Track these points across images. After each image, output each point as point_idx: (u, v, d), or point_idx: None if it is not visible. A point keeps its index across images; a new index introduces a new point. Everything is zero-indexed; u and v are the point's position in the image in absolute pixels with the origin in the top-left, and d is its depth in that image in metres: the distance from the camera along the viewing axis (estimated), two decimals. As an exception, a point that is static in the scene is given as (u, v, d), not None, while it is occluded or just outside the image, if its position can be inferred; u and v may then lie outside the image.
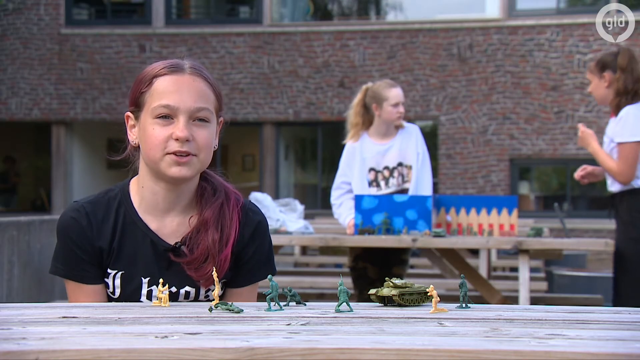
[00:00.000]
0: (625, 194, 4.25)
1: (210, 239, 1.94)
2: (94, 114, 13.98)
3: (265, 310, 1.65)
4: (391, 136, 4.79)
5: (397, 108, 4.69)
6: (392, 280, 1.72)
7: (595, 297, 5.54)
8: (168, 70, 1.92)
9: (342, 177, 4.85)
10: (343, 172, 4.86)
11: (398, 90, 4.71)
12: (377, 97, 4.70)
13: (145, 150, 1.93)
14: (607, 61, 4.28)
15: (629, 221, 4.24)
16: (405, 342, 1.27)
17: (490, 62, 13.04)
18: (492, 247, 5.16)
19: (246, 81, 13.67)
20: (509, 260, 7.41)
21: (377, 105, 4.70)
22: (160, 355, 1.22)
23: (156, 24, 13.93)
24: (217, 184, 2.03)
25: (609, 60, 4.28)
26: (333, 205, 4.86)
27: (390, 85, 4.72)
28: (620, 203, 4.28)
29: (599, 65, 4.31)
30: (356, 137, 4.81)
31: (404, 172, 4.78)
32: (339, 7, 15.59)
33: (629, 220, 4.24)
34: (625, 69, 4.22)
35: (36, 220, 5.06)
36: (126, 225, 1.98)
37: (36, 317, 1.56)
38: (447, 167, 13.09)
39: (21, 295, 4.82)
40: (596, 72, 4.32)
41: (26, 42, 14.09)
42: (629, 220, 4.24)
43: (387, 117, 4.71)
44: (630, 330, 1.42)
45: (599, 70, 4.31)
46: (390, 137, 4.79)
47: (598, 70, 4.31)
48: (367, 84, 4.87)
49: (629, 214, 4.24)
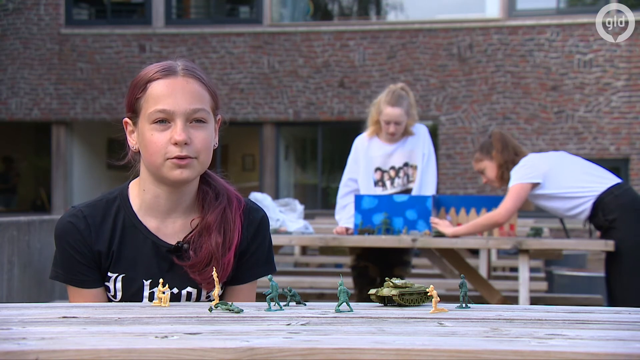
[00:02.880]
0: (595, 207, 4.40)
1: (214, 243, 1.94)
2: (94, 114, 13.99)
3: (265, 310, 1.66)
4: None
5: (388, 126, 4.68)
6: (392, 280, 1.72)
7: (595, 297, 5.53)
8: (161, 74, 1.92)
9: (349, 173, 4.87)
10: (350, 168, 4.87)
11: (394, 111, 4.65)
12: (378, 106, 4.72)
13: (145, 156, 1.93)
14: (486, 144, 4.67)
15: (609, 226, 4.37)
16: (405, 342, 1.27)
17: (490, 62, 13.04)
18: (492, 247, 5.16)
19: (246, 81, 13.67)
20: (509, 260, 7.41)
21: (379, 112, 4.73)
22: (160, 355, 1.22)
23: (156, 24, 13.93)
24: (219, 187, 2.03)
25: (487, 143, 4.68)
26: (337, 203, 4.88)
27: (390, 104, 4.66)
28: (595, 216, 4.42)
29: (484, 150, 4.67)
30: (372, 135, 4.82)
31: (410, 172, 4.79)
32: (339, 7, 15.58)
33: (609, 226, 4.38)
34: (502, 147, 4.61)
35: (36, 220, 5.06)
36: (126, 228, 1.97)
37: (36, 317, 1.56)
38: (447, 167, 13.09)
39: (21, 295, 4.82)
40: (486, 157, 4.66)
41: (26, 42, 14.09)
42: (609, 226, 4.37)
43: (382, 129, 4.74)
44: (630, 330, 1.42)
45: (486, 153, 4.66)
46: (397, 139, 4.80)
47: (486, 154, 4.66)
48: (392, 86, 4.81)
49: (605, 221, 4.38)
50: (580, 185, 4.43)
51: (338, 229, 4.68)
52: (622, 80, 12.70)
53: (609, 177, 4.47)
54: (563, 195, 4.43)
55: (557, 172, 4.46)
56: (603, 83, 12.73)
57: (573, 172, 4.48)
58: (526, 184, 4.43)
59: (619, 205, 4.33)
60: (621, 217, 4.31)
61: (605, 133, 12.59)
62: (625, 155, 12.60)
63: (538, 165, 4.49)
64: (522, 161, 4.55)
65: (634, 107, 12.68)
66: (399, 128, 4.69)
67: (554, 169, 4.47)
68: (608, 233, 4.38)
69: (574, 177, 4.46)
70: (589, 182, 4.43)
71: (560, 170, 4.48)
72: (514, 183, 4.45)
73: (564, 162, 4.57)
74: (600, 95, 12.72)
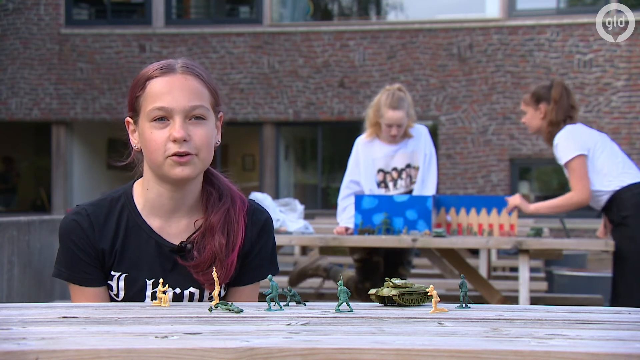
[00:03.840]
0: (611, 200, 4.41)
1: (217, 243, 1.94)
2: (94, 114, 13.98)
3: (265, 310, 1.65)
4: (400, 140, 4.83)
5: (389, 129, 4.70)
6: (392, 280, 1.72)
7: (595, 297, 5.53)
8: (160, 72, 1.92)
9: (350, 175, 4.88)
10: (351, 170, 4.88)
11: (396, 114, 4.66)
12: (379, 110, 4.72)
13: (147, 154, 1.93)
14: (542, 94, 4.57)
15: (621, 222, 4.39)
16: (405, 342, 1.27)
17: (490, 62, 13.04)
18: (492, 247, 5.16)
19: (246, 81, 13.67)
20: (509, 260, 7.41)
21: (378, 116, 4.73)
22: (160, 355, 1.22)
23: (156, 24, 13.93)
24: (222, 188, 2.03)
25: (543, 92, 4.57)
26: (338, 204, 4.89)
27: (391, 107, 4.66)
28: (610, 210, 4.45)
29: (535, 97, 4.60)
30: (372, 136, 4.82)
31: (412, 173, 4.81)
32: (339, 7, 15.59)
33: (620, 222, 4.40)
34: (558, 101, 4.52)
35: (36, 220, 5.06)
36: (130, 227, 1.98)
37: (36, 317, 1.56)
38: (447, 167, 13.09)
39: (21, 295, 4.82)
40: (532, 104, 4.61)
41: (26, 42, 14.10)
42: (621, 222, 4.39)
43: (383, 132, 4.74)
44: (630, 330, 1.42)
45: (535, 102, 4.59)
46: (398, 140, 4.81)
47: (534, 102, 4.60)
48: (388, 87, 4.83)
49: (619, 216, 4.40)
50: (608, 174, 4.42)
51: (338, 229, 4.69)
52: (622, 80, 12.70)
53: (633, 172, 4.47)
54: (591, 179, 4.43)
55: (596, 152, 4.45)
56: (603, 83, 12.73)
57: (608, 158, 4.46)
58: (584, 155, 4.41)
59: (634, 203, 4.34)
60: (634, 214, 4.33)
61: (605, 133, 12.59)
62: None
63: (586, 139, 4.47)
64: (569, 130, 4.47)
65: (634, 107, 12.68)
66: (400, 130, 4.72)
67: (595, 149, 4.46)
68: (619, 228, 4.40)
69: (609, 162, 4.44)
70: (613, 176, 4.42)
71: (599, 153, 4.45)
72: (572, 156, 4.41)
73: (605, 145, 4.54)
74: (600, 95, 12.72)
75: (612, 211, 4.43)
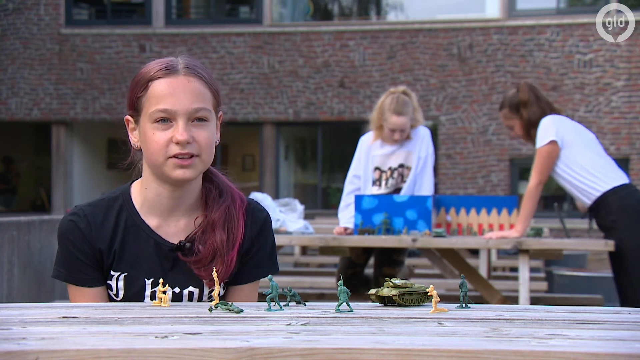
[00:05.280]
0: (598, 204, 4.38)
1: (218, 239, 1.95)
2: (94, 114, 13.98)
3: (265, 310, 1.65)
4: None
5: (393, 133, 4.71)
6: (392, 280, 1.72)
7: (595, 297, 5.53)
8: (162, 72, 1.91)
9: (354, 170, 4.91)
10: (355, 165, 4.91)
11: (400, 120, 4.65)
12: (383, 113, 4.72)
13: (147, 154, 1.93)
14: (516, 101, 4.54)
15: (611, 226, 4.37)
16: (405, 342, 1.27)
17: (490, 62, 13.04)
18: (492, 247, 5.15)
19: (246, 81, 13.67)
20: (509, 260, 7.41)
21: (382, 118, 4.74)
22: (160, 355, 1.22)
23: (156, 24, 13.93)
24: (222, 186, 2.03)
25: (515, 99, 4.54)
26: (342, 199, 4.90)
27: (395, 112, 4.66)
28: (598, 214, 4.41)
29: (512, 107, 4.56)
30: (377, 139, 4.83)
31: (404, 173, 4.81)
32: (339, 7, 15.58)
33: (610, 225, 4.37)
34: (530, 101, 4.50)
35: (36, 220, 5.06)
36: (128, 227, 1.97)
37: (36, 317, 1.56)
38: (447, 167, 13.09)
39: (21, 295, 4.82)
40: (514, 115, 4.57)
41: (26, 42, 14.09)
42: (611, 225, 4.37)
43: (386, 135, 4.75)
44: (630, 330, 1.42)
45: (515, 112, 4.55)
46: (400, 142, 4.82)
47: (514, 113, 4.56)
48: (393, 89, 4.82)
49: (608, 220, 4.37)
50: (589, 175, 4.38)
51: (337, 229, 4.69)
52: (622, 80, 12.70)
53: (619, 175, 4.44)
54: (571, 176, 4.41)
55: (577, 147, 4.39)
56: (603, 83, 12.73)
57: (591, 158, 4.41)
58: (555, 142, 4.38)
59: (621, 206, 4.32)
60: (622, 218, 4.31)
61: (605, 133, 12.59)
62: (625, 155, 12.59)
63: (560, 128, 4.41)
64: (550, 118, 4.44)
65: (634, 107, 12.68)
66: (404, 134, 4.74)
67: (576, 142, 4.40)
68: (610, 232, 4.38)
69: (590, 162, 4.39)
70: (600, 178, 4.37)
71: (581, 148, 4.39)
72: (544, 143, 4.40)
73: (590, 142, 4.48)
74: (600, 95, 12.72)
75: (601, 215, 4.39)
